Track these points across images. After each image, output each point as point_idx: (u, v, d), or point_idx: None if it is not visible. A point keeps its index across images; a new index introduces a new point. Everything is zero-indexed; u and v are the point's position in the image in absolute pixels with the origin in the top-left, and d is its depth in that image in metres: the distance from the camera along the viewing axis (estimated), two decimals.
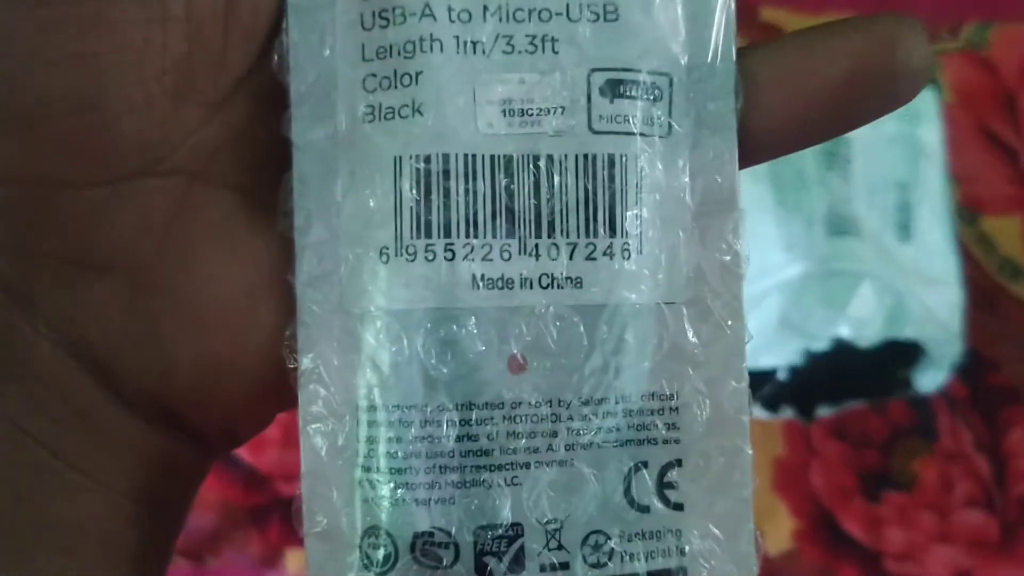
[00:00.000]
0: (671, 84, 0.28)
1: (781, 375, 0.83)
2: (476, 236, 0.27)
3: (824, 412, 0.85)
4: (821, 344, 0.81)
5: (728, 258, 0.29)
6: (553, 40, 0.28)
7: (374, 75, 0.28)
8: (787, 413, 0.85)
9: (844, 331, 0.81)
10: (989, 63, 0.91)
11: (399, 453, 0.28)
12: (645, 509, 0.29)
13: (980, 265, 0.88)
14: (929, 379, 0.85)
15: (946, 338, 0.83)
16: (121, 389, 0.29)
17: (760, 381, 0.83)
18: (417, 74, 0.27)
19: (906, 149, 0.85)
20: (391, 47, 0.27)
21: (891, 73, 0.28)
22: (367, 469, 0.28)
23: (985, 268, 0.88)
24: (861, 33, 0.28)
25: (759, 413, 0.84)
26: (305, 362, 0.28)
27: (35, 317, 0.28)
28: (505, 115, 0.28)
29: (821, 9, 0.89)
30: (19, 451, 0.28)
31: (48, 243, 0.28)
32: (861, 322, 0.81)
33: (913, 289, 0.82)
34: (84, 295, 0.28)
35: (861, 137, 0.84)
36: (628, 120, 0.28)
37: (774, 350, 0.82)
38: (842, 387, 0.85)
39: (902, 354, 0.83)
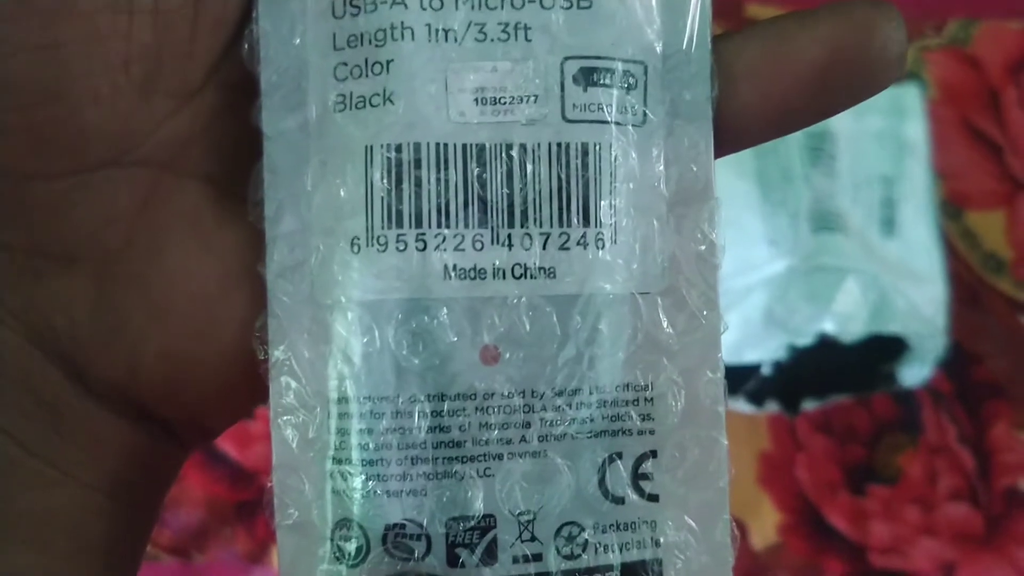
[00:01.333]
0: (646, 72, 0.28)
1: (766, 370, 0.83)
2: (448, 226, 0.27)
3: (809, 406, 0.85)
4: (806, 339, 0.82)
5: (703, 247, 0.28)
6: (526, 28, 0.27)
7: (345, 64, 0.27)
8: (772, 407, 0.84)
9: (829, 326, 0.81)
10: (973, 59, 0.91)
11: (370, 445, 0.27)
12: (620, 500, 0.28)
13: (964, 260, 0.87)
14: (913, 373, 0.85)
15: (930, 333, 0.84)
16: (89, 381, 0.29)
17: (745, 376, 0.83)
18: (388, 62, 0.27)
19: (890, 145, 0.86)
20: (362, 35, 0.27)
21: (867, 60, 0.28)
22: (338, 461, 0.27)
23: (969, 263, 0.87)
24: (837, 19, 0.28)
25: (744, 407, 0.84)
26: (276, 354, 0.28)
27: (1, 309, 0.28)
28: (477, 103, 0.27)
29: (807, 6, 0.88)
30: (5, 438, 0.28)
31: (13, 234, 0.28)
32: (846, 317, 0.82)
33: (897, 284, 0.83)
34: (51, 287, 0.28)
35: (846, 133, 0.85)
36: (602, 109, 0.27)
37: (759, 345, 0.82)
38: (827, 382, 0.84)
39: (886, 349, 0.84)
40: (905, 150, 0.86)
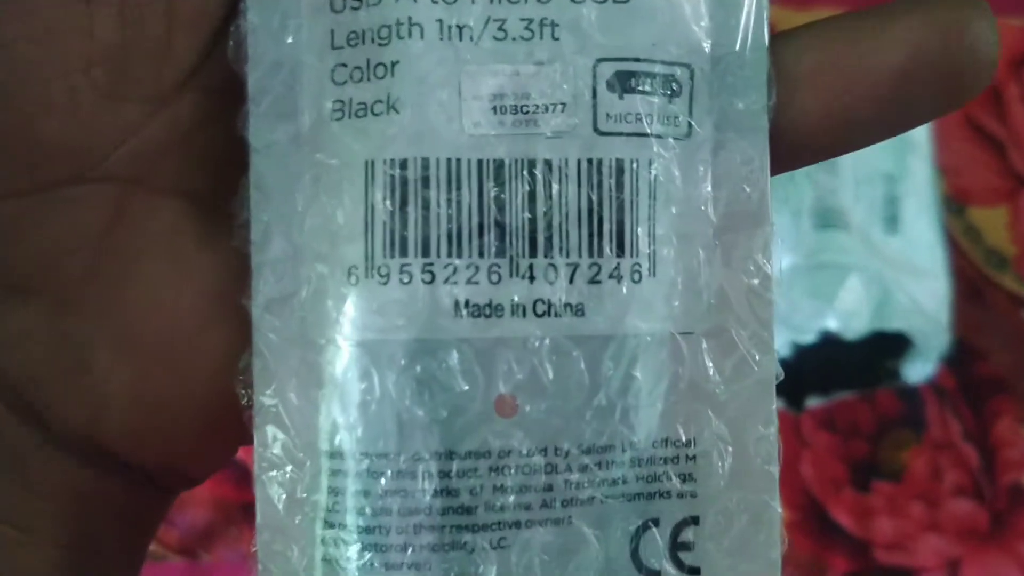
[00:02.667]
0: (692, 77, 0.23)
1: None
2: (460, 255, 0.23)
3: (813, 403, 0.82)
4: (809, 336, 0.79)
5: (756, 281, 0.24)
6: (553, 25, 0.23)
7: (344, 65, 0.23)
8: (776, 404, 0.81)
9: (832, 323, 0.79)
10: None
11: (367, 509, 0.23)
12: (655, 574, 0.24)
13: (967, 256, 0.85)
14: (917, 370, 0.82)
15: (934, 329, 0.81)
16: (50, 428, 0.25)
17: None
18: (393, 64, 0.22)
19: (893, 142, 0.80)
20: (364, 33, 0.23)
21: (955, 64, 0.23)
22: (331, 525, 0.23)
23: (972, 259, 0.85)
24: (919, 16, 0.23)
25: None
26: (261, 399, 0.23)
27: None
28: (496, 112, 0.22)
29: (807, 5, 0.85)
30: None
31: None
32: (849, 314, 0.79)
33: (900, 281, 0.80)
34: (4, 322, 0.24)
35: None
36: (640, 119, 0.23)
37: None
38: (830, 379, 0.82)
39: (890, 345, 0.81)
40: (907, 147, 0.83)
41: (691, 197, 0.23)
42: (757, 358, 0.24)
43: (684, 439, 0.23)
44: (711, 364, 0.23)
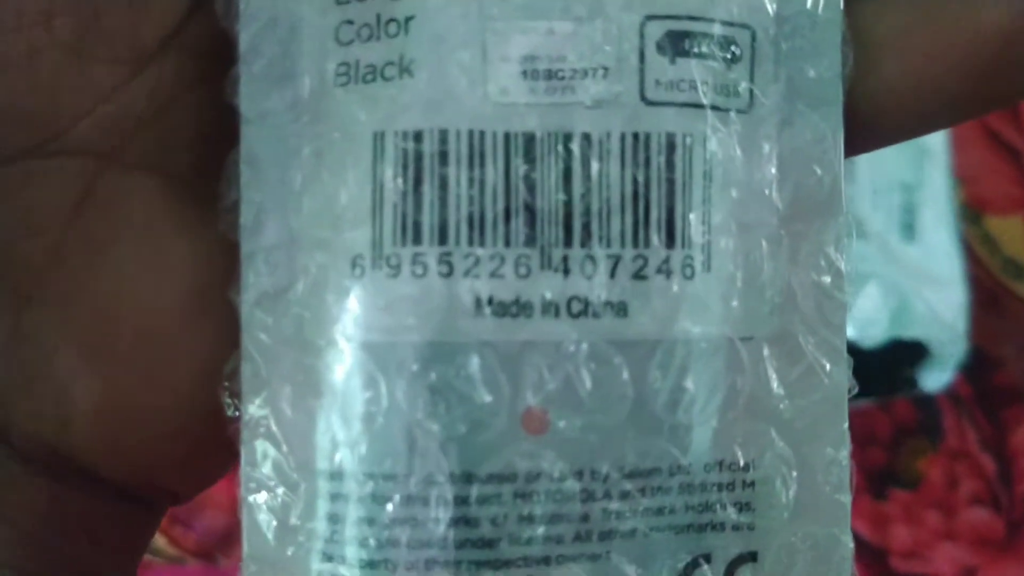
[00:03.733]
0: (754, 39, 0.20)
1: None
2: (483, 244, 0.19)
3: None
4: None
5: (828, 279, 0.20)
6: None
7: (350, 22, 0.19)
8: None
9: (849, 331, 0.75)
10: None
11: (371, 540, 0.19)
12: None
13: (984, 265, 0.83)
14: (934, 378, 0.79)
15: (951, 338, 0.78)
16: (10, 437, 0.21)
17: None
18: (407, 20, 0.19)
19: (910, 150, 0.81)
20: None
21: None
22: (329, 558, 0.19)
23: (989, 268, 0.83)
24: None
25: None
26: (250, 410, 0.20)
27: None
28: (527, 77, 0.19)
29: None
30: None
31: None
32: (866, 322, 0.77)
33: (918, 289, 0.78)
34: None
35: None
36: (695, 87, 0.19)
37: None
38: None
39: (907, 354, 0.78)
40: (925, 155, 0.81)
41: (753, 180, 0.20)
42: (827, 368, 0.20)
43: (742, 462, 0.20)
44: (774, 375, 0.20)
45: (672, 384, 0.19)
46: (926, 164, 0.81)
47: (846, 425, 0.21)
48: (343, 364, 0.19)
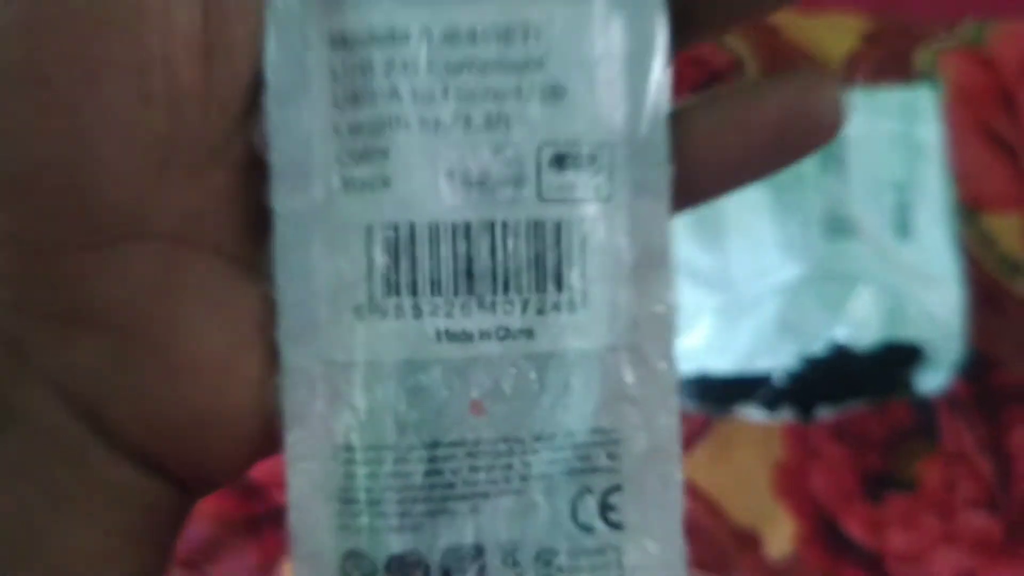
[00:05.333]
0: (612, 154, 0.33)
1: (779, 378, 0.87)
2: (440, 295, 0.33)
3: (824, 414, 0.89)
4: (819, 347, 0.86)
5: (662, 309, 0.34)
6: (507, 118, 0.32)
7: (347, 150, 0.32)
8: (786, 415, 0.89)
9: (843, 333, 0.85)
10: (988, 60, 0.95)
11: (374, 488, 0.33)
12: (590, 529, 0.34)
13: (980, 264, 0.91)
14: (930, 380, 0.88)
15: (946, 338, 0.87)
16: (111, 436, 0.33)
17: (757, 384, 0.88)
18: (385, 150, 0.32)
19: (904, 148, 0.90)
20: (362, 125, 0.32)
21: (814, 118, 0.34)
22: (346, 501, 0.33)
23: (985, 267, 0.91)
24: (788, 84, 0.34)
25: (758, 416, 0.89)
26: (290, 408, 0.33)
27: (32, 370, 0.32)
28: (464, 186, 0.32)
29: (819, 8, 0.94)
30: (19, 493, 0.32)
31: (43, 302, 0.32)
32: (860, 324, 0.85)
33: (913, 289, 0.87)
34: (77, 350, 0.32)
35: (858, 137, 0.89)
36: (574, 189, 0.33)
37: (771, 353, 0.87)
38: (842, 389, 0.88)
39: (902, 355, 0.87)
40: (919, 153, 0.90)
41: (612, 246, 0.33)
42: (662, 366, 0.34)
43: (609, 428, 0.34)
44: (629, 372, 0.34)
45: (563, 380, 0.33)
46: (920, 162, 0.90)
47: (676, 401, 0.34)
48: (351, 376, 0.33)
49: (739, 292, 0.88)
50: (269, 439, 0.34)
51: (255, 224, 0.33)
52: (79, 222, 0.31)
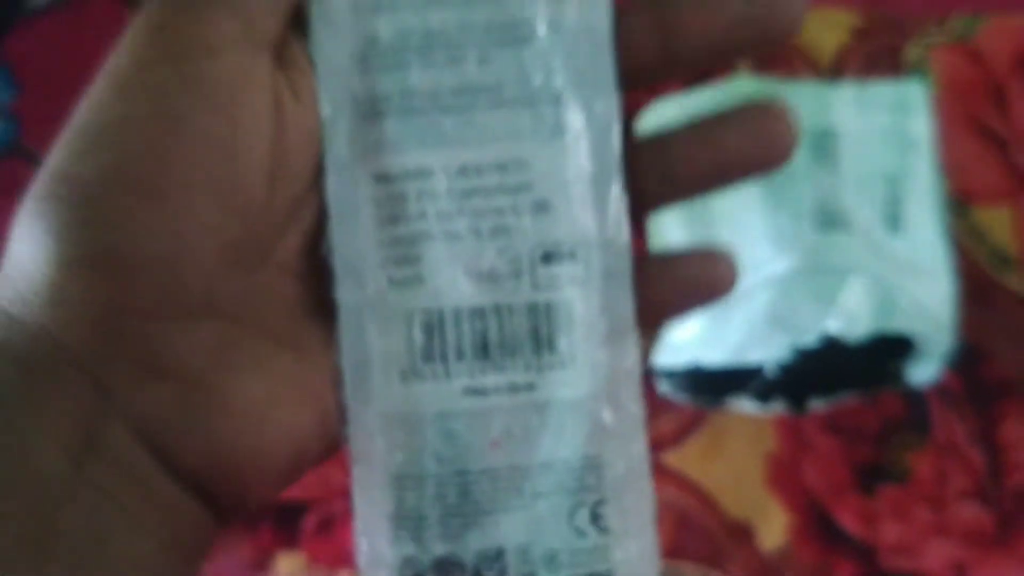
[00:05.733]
0: (587, 250, 0.47)
1: (771, 370, 0.94)
2: (463, 361, 0.46)
3: (816, 406, 0.97)
4: (811, 339, 0.92)
5: (630, 363, 0.48)
6: (507, 229, 0.46)
7: (390, 257, 0.46)
8: (778, 407, 0.97)
9: (834, 325, 0.91)
10: (978, 54, 1.06)
11: (421, 507, 0.45)
12: (584, 534, 0.46)
13: (970, 256, 1.00)
14: (921, 372, 0.96)
15: (937, 330, 0.94)
16: (171, 465, 0.42)
17: (748, 377, 0.96)
18: (419, 256, 0.46)
19: (895, 142, 0.97)
20: (400, 239, 0.46)
21: (762, 150, 0.47)
22: (400, 519, 0.46)
23: (976, 259, 1.00)
24: (743, 117, 0.47)
25: (750, 409, 0.98)
26: (354, 449, 0.46)
27: (115, 408, 0.41)
28: (478, 280, 0.46)
29: (810, 3, 0.98)
30: (97, 506, 0.40)
31: (128, 355, 0.42)
32: (851, 316, 0.92)
33: (904, 282, 0.93)
34: (151, 395, 0.42)
35: (849, 131, 0.96)
36: (559, 278, 0.46)
37: (763, 345, 0.94)
38: (833, 382, 0.96)
39: (893, 348, 0.94)
40: (910, 146, 0.97)
41: (590, 319, 0.46)
42: (634, 408, 0.47)
43: (595, 456, 0.46)
44: (608, 413, 0.47)
45: (559, 422, 0.46)
46: (911, 156, 0.96)
47: (644, 434, 0.47)
48: (399, 423, 0.45)
49: None
50: (293, 474, 0.45)
51: (291, 309, 0.46)
52: (165, 298, 0.42)
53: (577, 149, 0.47)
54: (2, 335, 0.41)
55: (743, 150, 0.47)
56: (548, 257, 0.46)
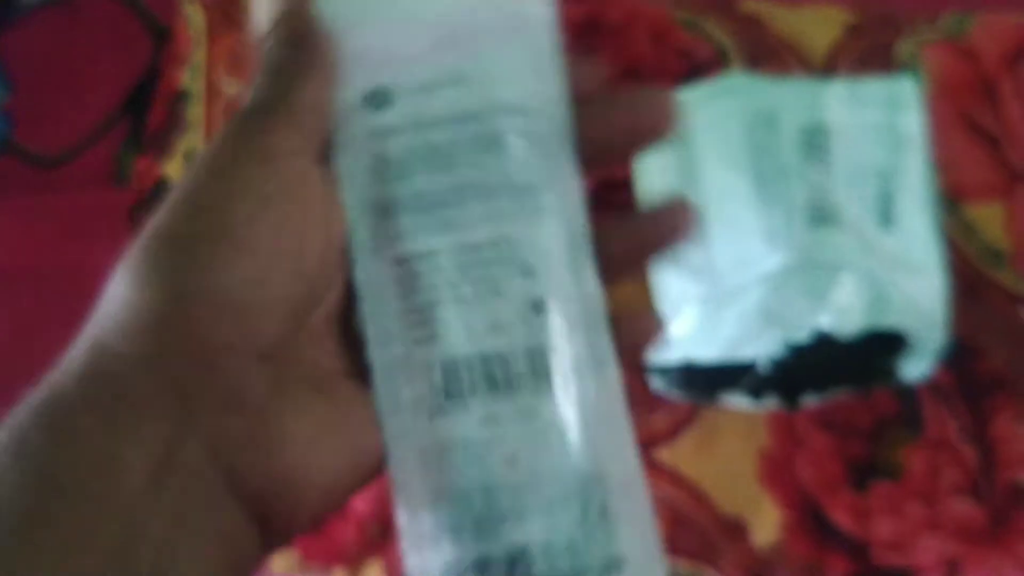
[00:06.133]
0: (568, 301, 0.54)
1: (763, 366, 0.95)
2: (476, 396, 0.52)
3: (809, 402, 0.98)
4: (803, 335, 0.94)
5: (612, 386, 0.55)
6: (503, 290, 0.54)
7: (410, 322, 0.53)
8: (771, 404, 0.98)
9: (827, 321, 0.93)
10: (970, 52, 1.07)
11: (455, 518, 0.52)
12: (595, 527, 0.52)
13: (962, 253, 1.01)
14: (913, 368, 0.96)
15: (929, 326, 0.95)
16: (237, 488, 0.48)
17: (741, 373, 0.96)
18: (434, 319, 0.53)
19: (887, 138, 0.99)
20: (418, 307, 0.54)
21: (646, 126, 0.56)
22: (440, 529, 0.52)
23: (967, 255, 1.01)
24: (634, 103, 0.56)
25: (742, 404, 0.99)
26: (397, 479, 0.52)
27: (195, 431, 0.47)
28: (484, 334, 0.53)
29: (798, 3, 1.03)
30: (168, 526, 0.45)
31: (216, 385, 0.48)
32: (843, 312, 0.93)
33: (896, 278, 0.94)
34: (228, 421, 0.48)
35: (841, 127, 0.98)
36: (547, 326, 0.53)
37: (756, 341, 0.95)
38: (826, 378, 0.97)
39: (885, 344, 0.95)
40: (902, 143, 0.99)
41: (577, 353, 0.54)
42: (621, 420, 0.55)
43: (596, 462, 0.53)
44: (601, 426, 0.53)
45: (560, 437, 0.52)
46: (903, 152, 0.98)
47: (635, 448, 0.54)
48: (435, 453, 0.52)
49: (723, 281, 0.97)
50: (330, 507, 0.51)
51: (325, 364, 0.53)
52: (246, 338, 0.49)
53: (552, 224, 0.56)
54: (101, 364, 0.47)
55: (631, 129, 0.57)
56: (539, 307, 0.54)
